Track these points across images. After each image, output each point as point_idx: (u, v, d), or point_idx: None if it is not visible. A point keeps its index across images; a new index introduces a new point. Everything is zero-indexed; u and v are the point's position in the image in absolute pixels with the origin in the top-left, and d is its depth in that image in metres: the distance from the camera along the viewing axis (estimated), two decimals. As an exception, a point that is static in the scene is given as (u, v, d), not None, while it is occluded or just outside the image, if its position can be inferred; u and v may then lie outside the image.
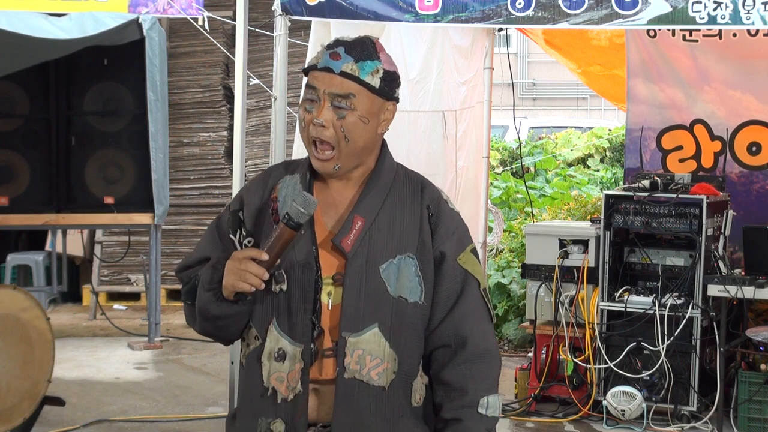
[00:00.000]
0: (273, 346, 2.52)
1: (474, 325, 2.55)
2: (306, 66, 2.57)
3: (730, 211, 6.51)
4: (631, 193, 6.44)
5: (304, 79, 2.57)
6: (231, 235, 2.61)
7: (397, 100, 2.58)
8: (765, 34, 6.72)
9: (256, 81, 5.91)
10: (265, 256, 2.44)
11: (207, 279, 2.53)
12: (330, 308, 2.51)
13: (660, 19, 4.82)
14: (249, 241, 2.57)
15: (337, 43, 2.53)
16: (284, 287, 2.52)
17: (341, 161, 2.50)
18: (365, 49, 2.51)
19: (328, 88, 2.48)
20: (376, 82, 2.50)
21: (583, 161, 13.62)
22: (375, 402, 2.50)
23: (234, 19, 5.60)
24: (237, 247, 2.58)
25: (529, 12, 4.95)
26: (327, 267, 2.52)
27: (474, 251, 2.61)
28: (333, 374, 2.51)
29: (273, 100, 5.68)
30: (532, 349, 6.89)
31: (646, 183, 6.48)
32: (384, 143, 2.62)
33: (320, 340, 2.51)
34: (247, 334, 2.59)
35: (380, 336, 2.50)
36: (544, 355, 6.63)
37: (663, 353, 6.22)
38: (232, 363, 5.29)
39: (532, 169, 13.08)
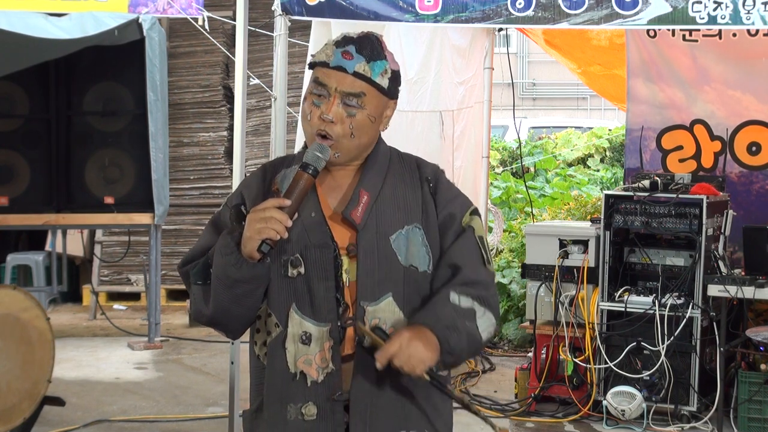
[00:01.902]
0: (296, 331, 2.54)
1: (468, 258, 2.60)
2: (313, 60, 2.59)
3: (730, 211, 6.51)
4: (631, 193, 6.44)
5: (308, 73, 2.60)
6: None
7: (397, 97, 2.65)
8: (765, 34, 6.72)
9: (256, 81, 5.91)
10: (287, 202, 2.46)
11: (224, 244, 2.52)
12: (348, 283, 2.55)
13: (660, 19, 4.82)
14: None
15: (346, 40, 2.56)
16: (302, 270, 2.54)
17: (342, 152, 2.56)
18: (374, 48, 2.56)
19: (340, 87, 2.53)
20: (384, 82, 2.57)
21: (583, 161, 13.62)
22: (391, 369, 2.50)
23: (234, 19, 5.61)
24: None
25: (530, 12, 4.96)
26: (339, 241, 2.57)
27: (475, 212, 2.67)
28: (352, 348, 2.54)
29: (273, 100, 5.68)
30: (532, 349, 6.89)
31: (646, 183, 6.48)
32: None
33: (344, 316, 2.55)
34: (267, 321, 2.59)
35: (394, 305, 2.55)
36: (544, 355, 6.63)
37: (663, 353, 6.22)
38: (232, 363, 5.29)
39: (532, 169, 13.08)
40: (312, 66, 2.58)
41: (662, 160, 7.22)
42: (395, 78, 2.61)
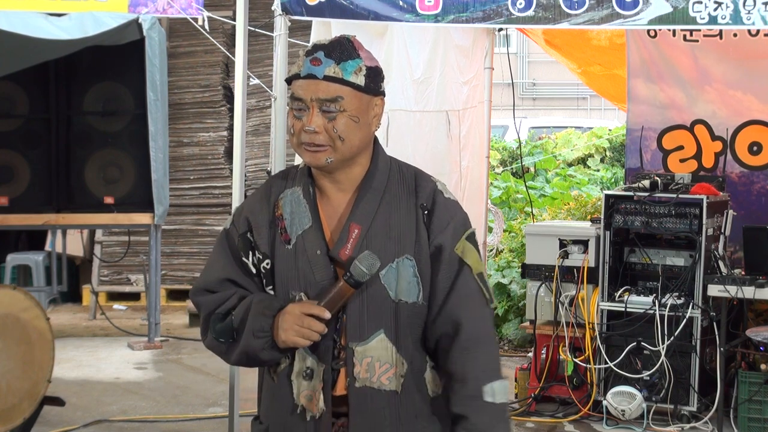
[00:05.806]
0: (301, 365, 2.55)
1: (468, 311, 2.55)
2: (288, 75, 2.57)
3: (731, 211, 6.51)
4: (631, 193, 6.44)
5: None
6: (244, 259, 2.61)
7: (383, 94, 2.59)
8: (765, 34, 6.72)
9: (256, 81, 5.90)
10: (328, 315, 2.46)
11: (257, 327, 2.52)
12: (346, 322, 2.53)
13: (661, 20, 4.81)
14: (267, 264, 2.57)
15: (316, 47, 2.53)
16: None
17: (335, 156, 2.51)
18: (344, 49, 2.52)
19: (314, 95, 2.50)
20: (361, 80, 2.51)
21: (583, 161, 13.61)
22: (389, 406, 2.52)
23: (234, 19, 5.59)
24: (252, 271, 2.60)
25: (530, 12, 4.95)
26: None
27: (471, 237, 2.61)
28: (344, 390, 2.53)
29: (273, 100, 5.67)
30: (532, 349, 6.89)
31: (646, 183, 6.48)
32: (376, 141, 2.63)
33: (339, 357, 2.54)
34: None
35: (387, 341, 2.52)
36: (544, 355, 6.63)
37: (663, 353, 6.22)
38: (233, 363, 5.28)
39: (532, 169, 13.07)
40: (289, 81, 2.57)
41: (663, 160, 7.22)
42: (373, 74, 2.54)
